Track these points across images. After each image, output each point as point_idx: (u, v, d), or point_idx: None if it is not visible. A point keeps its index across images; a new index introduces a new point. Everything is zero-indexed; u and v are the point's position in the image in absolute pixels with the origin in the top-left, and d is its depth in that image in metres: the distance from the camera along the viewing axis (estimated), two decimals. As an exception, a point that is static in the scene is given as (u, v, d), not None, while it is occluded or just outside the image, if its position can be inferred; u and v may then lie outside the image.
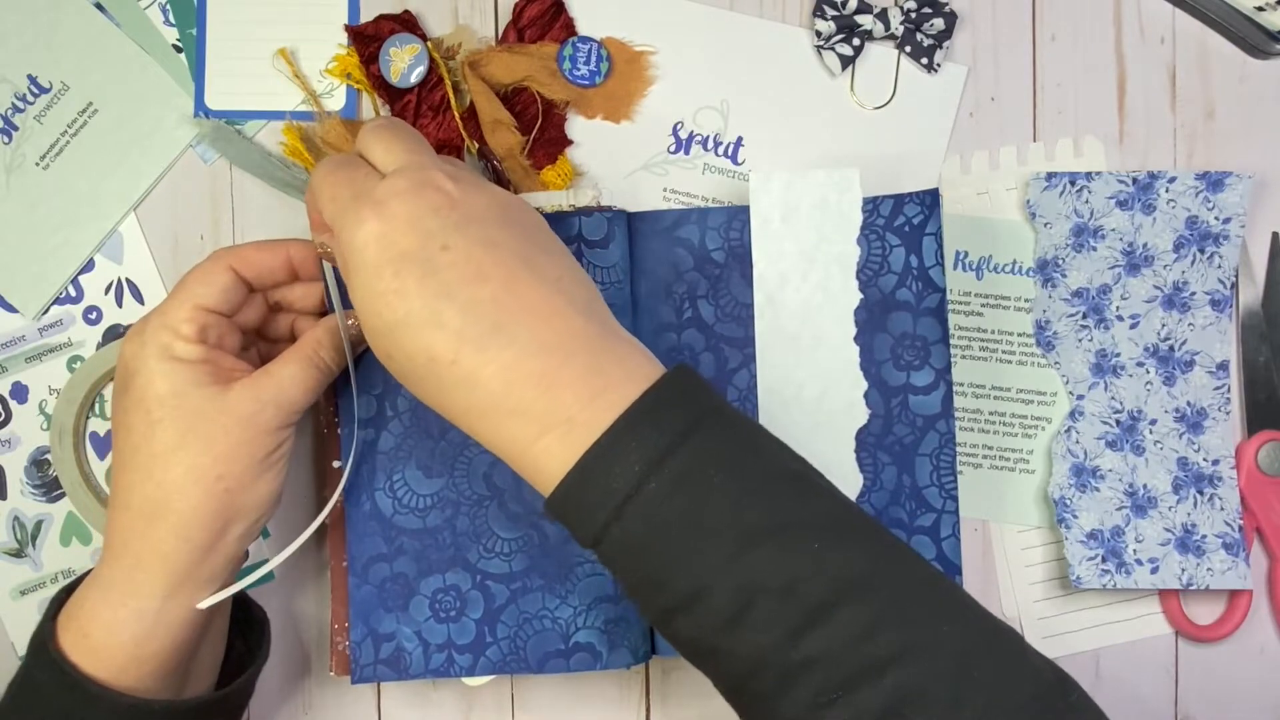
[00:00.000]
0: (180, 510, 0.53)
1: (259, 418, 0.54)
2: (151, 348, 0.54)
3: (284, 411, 0.55)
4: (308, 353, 0.57)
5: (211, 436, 0.53)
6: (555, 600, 0.61)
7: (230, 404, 0.54)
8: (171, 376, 0.54)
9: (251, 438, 0.54)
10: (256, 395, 0.54)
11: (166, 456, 0.53)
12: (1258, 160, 0.68)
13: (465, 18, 0.68)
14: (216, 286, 0.56)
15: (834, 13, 0.67)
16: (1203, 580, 0.65)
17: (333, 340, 0.58)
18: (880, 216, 0.62)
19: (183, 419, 0.53)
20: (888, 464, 0.62)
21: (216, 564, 0.55)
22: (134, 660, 0.53)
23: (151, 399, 0.54)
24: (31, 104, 0.67)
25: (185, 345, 0.54)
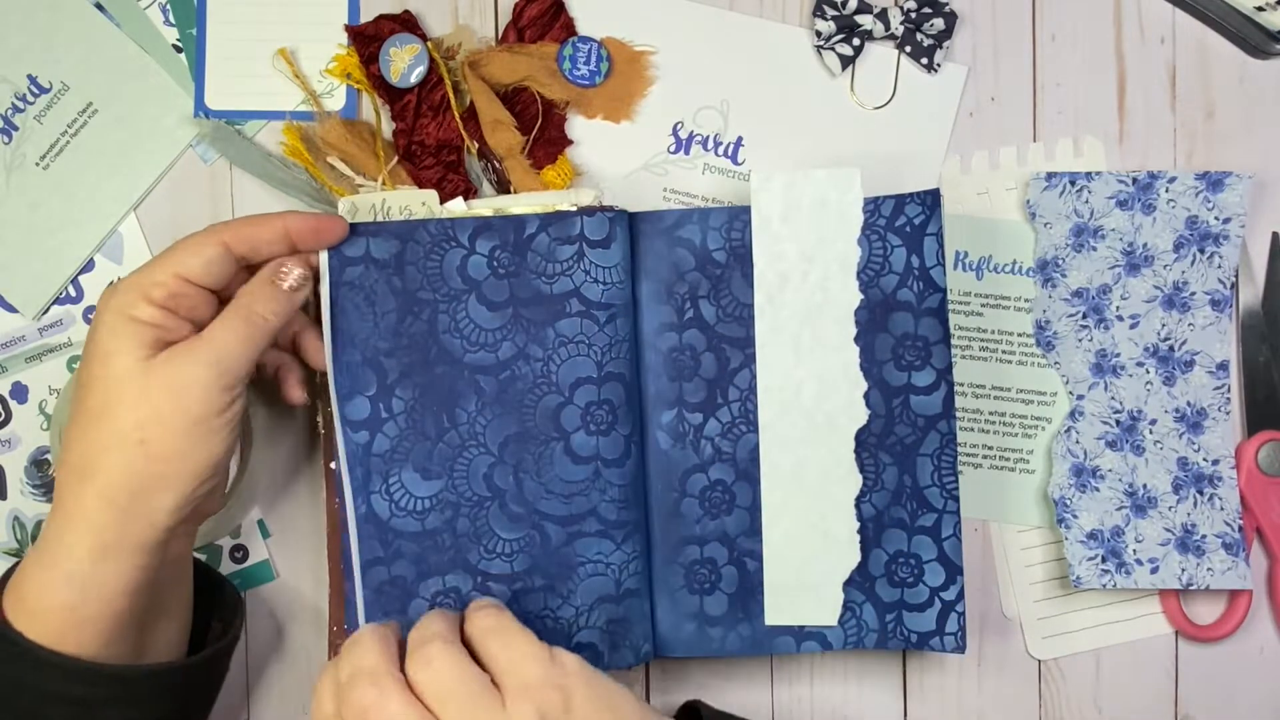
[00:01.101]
0: (105, 472, 0.52)
1: (191, 380, 0.53)
2: (116, 303, 0.54)
3: (216, 369, 0.53)
4: (240, 309, 0.55)
5: (135, 399, 0.52)
6: (557, 600, 0.60)
7: (159, 368, 0.53)
8: (116, 335, 0.53)
9: (180, 400, 0.53)
10: (186, 357, 0.53)
11: (94, 418, 0.53)
12: (1258, 160, 0.68)
13: (465, 18, 0.67)
14: (202, 258, 0.55)
15: (834, 13, 0.66)
16: (1203, 580, 0.65)
17: (264, 291, 0.56)
18: (881, 216, 0.62)
19: (111, 380, 0.53)
20: (889, 464, 0.62)
21: (145, 531, 0.53)
22: (71, 624, 0.52)
23: (97, 356, 0.53)
24: (31, 104, 0.66)
25: (146, 307, 0.53)
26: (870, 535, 0.62)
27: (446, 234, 0.60)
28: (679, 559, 0.62)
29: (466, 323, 0.60)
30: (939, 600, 0.61)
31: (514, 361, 0.60)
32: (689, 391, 0.62)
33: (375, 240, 0.59)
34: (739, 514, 0.62)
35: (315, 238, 0.58)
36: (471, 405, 0.60)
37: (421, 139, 0.66)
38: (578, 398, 0.60)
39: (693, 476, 0.62)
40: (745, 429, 0.62)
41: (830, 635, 0.62)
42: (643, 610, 0.62)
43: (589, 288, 0.60)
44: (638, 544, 0.61)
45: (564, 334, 0.60)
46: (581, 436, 0.60)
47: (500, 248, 0.60)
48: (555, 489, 0.60)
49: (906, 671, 0.68)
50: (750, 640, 0.62)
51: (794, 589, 0.62)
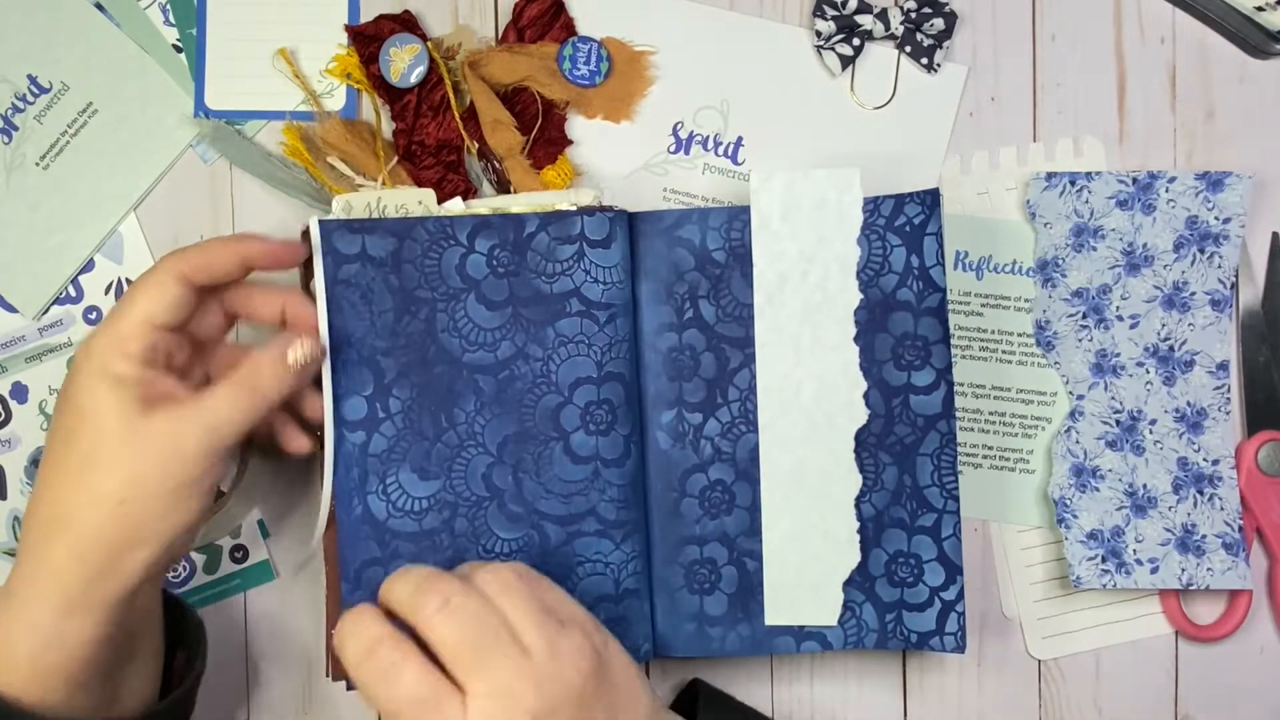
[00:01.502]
0: (78, 529, 0.51)
1: (177, 444, 0.51)
2: (92, 362, 0.52)
3: (208, 439, 0.52)
4: (243, 379, 0.54)
5: (120, 459, 0.51)
6: (556, 600, 0.60)
7: (148, 426, 0.51)
8: (96, 392, 0.52)
9: (165, 463, 0.51)
10: (178, 418, 0.52)
11: (74, 473, 0.52)
12: (1258, 160, 0.67)
13: (465, 18, 0.67)
14: (166, 299, 0.54)
15: (834, 13, 0.66)
16: (1203, 580, 0.65)
17: (274, 369, 0.55)
18: (881, 216, 0.61)
19: (95, 437, 0.51)
20: (889, 464, 0.62)
21: (114, 589, 0.51)
22: (35, 675, 0.51)
23: (72, 412, 0.52)
24: (31, 104, 0.66)
25: (126, 364, 0.52)
26: (870, 535, 0.62)
27: (445, 232, 0.60)
28: (679, 559, 0.62)
29: (465, 322, 0.60)
30: (939, 600, 0.61)
31: (513, 361, 0.60)
32: (689, 391, 0.62)
33: (371, 238, 0.59)
34: (739, 514, 0.62)
35: (277, 262, 0.57)
36: (470, 405, 0.60)
37: (421, 139, 0.66)
38: (577, 397, 0.60)
39: (692, 476, 0.62)
40: (745, 429, 0.62)
41: (830, 635, 0.62)
42: (642, 610, 0.61)
43: (589, 287, 0.60)
44: (637, 544, 0.61)
45: (564, 334, 0.60)
46: (581, 436, 0.60)
47: (499, 246, 0.60)
48: (554, 489, 0.60)
49: (906, 671, 0.67)
50: (750, 640, 0.62)
51: (794, 589, 0.62)
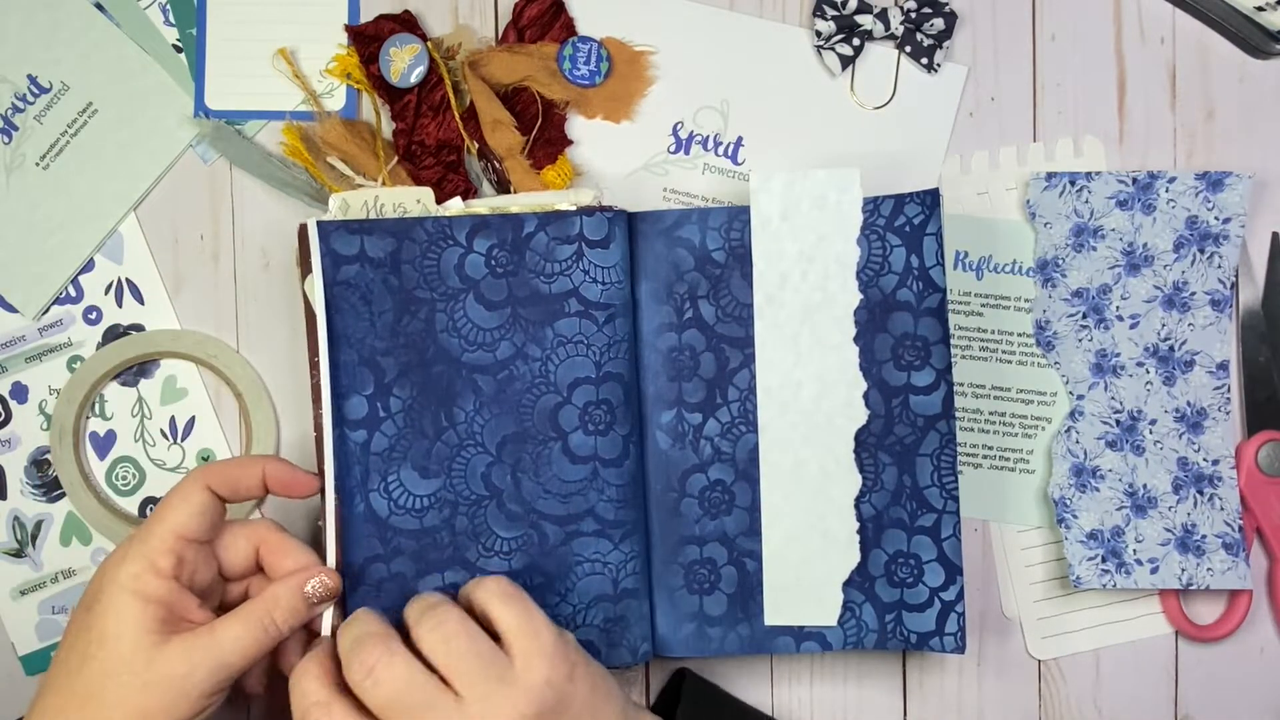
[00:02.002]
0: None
1: (188, 681, 0.52)
2: (124, 575, 0.53)
3: (217, 676, 0.53)
4: (259, 613, 0.54)
5: (128, 693, 0.51)
6: (555, 598, 0.60)
7: (160, 662, 0.52)
8: (122, 616, 0.52)
9: (174, 700, 0.52)
10: (189, 656, 0.52)
11: (85, 701, 0.52)
12: (1258, 160, 0.67)
13: (465, 18, 0.67)
14: (193, 507, 0.54)
15: (834, 13, 0.66)
16: (1203, 580, 0.65)
17: (290, 603, 0.55)
18: (881, 216, 0.61)
19: (111, 666, 0.52)
20: (889, 464, 0.61)
21: None
22: None
23: (95, 634, 0.52)
24: (31, 104, 0.66)
25: (157, 580, 0.53)
26: (870, 535, 0.61)
27: (444, 232, 0.60)
28: (678, 559, 0.62)
29: (464, 322, 0.60)
30: (939, 600, 0.61)
31: (512, 361, 0.60)
32: (688, 391, 0.62)
33: (370, 238, 0.59)
34: (738, 514, 0.62)
35: (286, 490, 0.58)
36: (469, 405, 0.60)
37: (421, 139, 0.66)
38: (576, 398, 0.60)
39: (692, 476, 0.62)
40: (745, 429, 0.62)
41: (830, 635, 0.62)
42: (641, 610, 0.61)
43: (588, 287, 0.60)
44: (636, 544, 0.61)
45: (562, 334, 0.60)
46: (579, 436, 0.60)
47: (498, 246, 0.60)
48: (553, 489, 0.60)
49: (906, 671, 0.67)
50: (750, 640, 0.62)
51: (793, 589, 0.61)
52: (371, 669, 0.51)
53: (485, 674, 0.51)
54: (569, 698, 0.52)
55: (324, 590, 0.56)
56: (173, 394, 0.66)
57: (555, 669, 0.52)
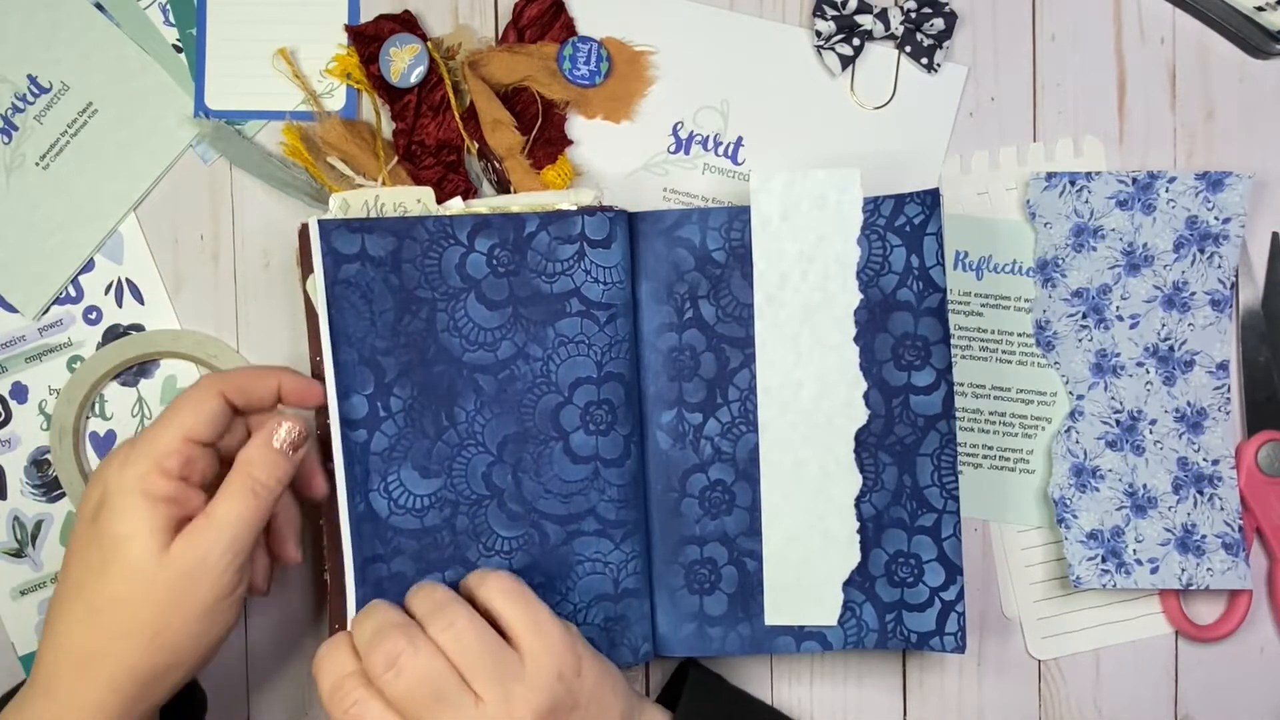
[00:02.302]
0: (115, 663, 0.52)
1: (204, 566, 0.52)
2: (129, 478, 0.52)
3: (231, 553, 0.53)
4: (240, 480, 0.54)
5: (151, 592, 0.52)
6: (556, 598, 0.60)
7: (172, 560, 0.52)
8: (132, 518, 0.52)
9: (196, 589, 0.52)
10: (196, 547, 0.52)
11: (109, 607, 0.52)
12: (1258, 160, 0.67)
13: (465, 18, 0.67)
14: (206, 413, 0.54)
15: (834, 13, 0.66)
16: (1203, 580, 0.65)
17: (263, 457, 0.55)
18: (881, 216, 0.61)
19: (129, 570, 0.52)
20: (889, 464, 0.61)
21: (143, 709, 0.53)
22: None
23: (109, 540, 0.52)
24: (31, 104, 0.66)
25: (163, 481, 0.52)
26: (870, 535, 0.61)
27: (445, 231, 0.60)
28: (679, 559, 0.62)
29: (465, 321, 0.60)
30: (939, 600, 0.61)
31: (513, 361, 0.60)
32: (689, 391, 0.62)
33: (371, 237, 0.59)
34: (739, 514, 0.62)
35: (300, 400, 0.58)
36: (470, 404, 0.60)
37: (421, 139, 0.65)
38: (577, 397, 0.60)
39: (692, 476, 0.62)
40: (745, 429, 0.62)
41: (830, 635, 0.62)
42: (642, 610, 0.61)
43: (589, 287, 0.60)
44: (637, 544, 0.61)
45: (564, 333, 0.60)
46: (581, 436, 0.60)
47: (500, 246, 0.60)
48: (554, 488, 0.60)
49: (906, 671, 0.67)
50: (750, 640, 0.62)
51: (794, 589, 0.61)
52: (395, 659, 0.51)
53: (498, 672, 0.52)
54: (578, 691, 0.53)
55: (294, 437, 0.56)
56: (173, 394, 0.66)
57: (564, 663, 0.53)
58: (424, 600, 0.54)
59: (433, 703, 0.51)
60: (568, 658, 0.53)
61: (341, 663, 0.53)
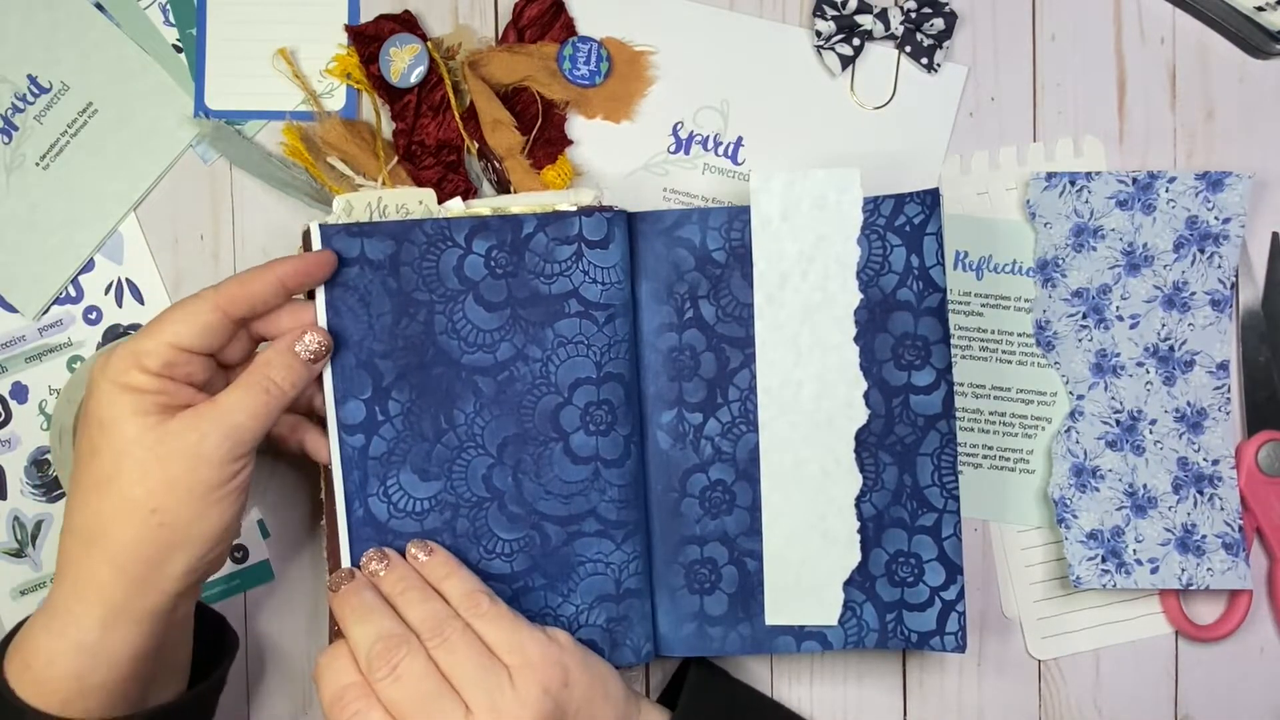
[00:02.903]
0: (115, 540, 0.51)
1: (201, 447, 0.52)
2: (109, 372, 0.52)
3: (231, 440, 0.52)
4: (256, 376, 0.54)
5: (146, 467, 0.51)
6: (558, 598, 0.60)
7: (170, 433, 0.52)
8: (115, 403, 0.52)
9: (192, 468, 0.52)
10: (198, 424, 0.52)
11: (102, 485, 0.52)
12: (1258, 160, 0.67)
13: (465, 18, 0.67)
14: (197, 325, 0.53)
15: (834, 13, 0.66)
16: (1203, 580, 0.65)
17: (283, 360, 0.55)
18: (881, 216, 0.61)
19: (118, 447, 0.51)
20: (889, 464, 0.61)
21: (156, 598, 0.52)
22: (78, 692, 0.51)
23: (94, 424, 0.52)
24: (31, 104, 0.66)
25: (142, 375, 0.52)
26: (870, 535, 0.61)
27: (442, 234, 0.59)
28: (679, 559, 0.62)
29: (464, 323, 0.59)
30: (939, 600, 0.61)
31: (512, 362, 0.60)
32: (689, 391, 0.62)
33: (369, 241, 0.59)
34: (739, 514, 0.62)
35: (307, 278, 0.57)
36: (470, 406, 0.59)
37: (421, 139, 0.65)
38: (577, 398, 0.60)
39: (693, 476, 0.62)
40: (745, 429, 0.62)
41: (830, 635, 0.61)
42: (644, 610, 0.61)
43: (588, 288, 0.60)
44: (638, 544, 0.61)
45: (563, 334, 0.60)
46: (581, 437, 0.60)
47: (497, 248, 0.60)
48: (554, 489, 0.60)
49: (906, 671, 0.67)
50: (750, 640, 0.62)
51: (794, 589, 0.61)
52: (395, 666, 0.52)
53: (487, 686, 0.53)
54: (566, 702, 0.54)
55: (316, 346, 0.56)
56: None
57: (548, 678, 0.54)
58: (420, 611, 0.55)
59: (426, 709, 0.52)
60: (552, 672, 0.54)
61: (342, 673, 0.54)
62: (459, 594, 0.56)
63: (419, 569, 0.57)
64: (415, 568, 0.57)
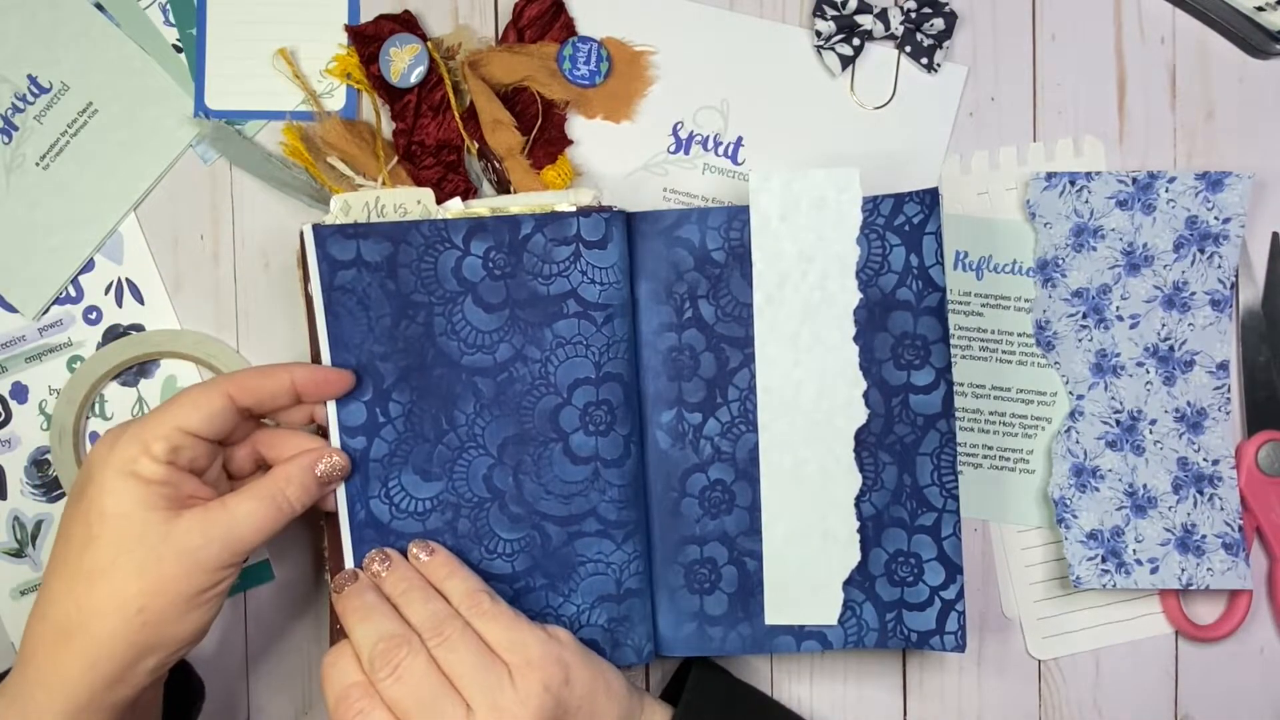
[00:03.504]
0: (94, 636, 0.50)
1: (201, 553, 0.51)
2: (116, 459, 0.51)
3: (230, 550, 0.52)
4: (272, 490, 0.54)
5: (144, 565, 0.50)
6: (559, 599, 0.60)
7: (174, 534, 0.51)
8: (122, 494, 0.51)
9: (187, 573, 0.51)
10: (205, 529, 0.51)
11: (93, 577, 0.51)
12: (1258, 160, 0.67)
13: (465, 18, 0.67)
14: (206, 412, 0.53)
15: (834, 13, 0.66)
16: (1203, 580, 0.64)
17: (302, 479, 0.55)
18: (880, 216, 0.61)
19: (119, 541, 0.51)
20: (889, 463, 0.61)
21: (123, 692, 0.51)
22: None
23: (95, 514, 0.51)
24: (31, 104, 0.66)
25: (150, 464, 0.51)
26: (870, 534, 0.61)
27: (440, 235, 0.59)
28: (679, 559, 0.62)
29: (463, 325, 0.59)
30: (939, 599, 0.61)
31: (512, 363, 0.59)
32: (688, 391, 0.62)
33: (366, 243, 0.59)
34: (739, 514, 0.62)
35: (319, 390, 0.57)
36: (470, 407, 0.59)
37: (421, 139, 0.65)
38: (576, 398, 0.60)
39: (692, 476, 0.62)
40: (745, 428, 0.62)
41: (830, 634, 0.61)
42: (644, 610, 0.61)
43: (586, 288, 0.60)
44: (639, 544, 0.61)
45: (561, 335, 0.60)
46: (580, 437, 0.60)
47: (495, 249, 0.59)
48: (555, 489, 0.60)
49: (906, 671, 0.67)
50: (750, 640, 0.62)
51: (794, 588, 0.61)
52: (397, 666, 0.52)
53: (487, 684, 0.53)
54: (567, 699, 0.54)
55: (335, 469, 0.57)
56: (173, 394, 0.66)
57: (549, 676, 0.54)
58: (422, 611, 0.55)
59: (428, 708, 0.52)
60: (553, 670, 0.54)
61: (346, 672, 0.53)
62: (460, 593, 0.56)
63: (421, 569, 0.57)
64: (417, 568, 0.57)
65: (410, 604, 0.55)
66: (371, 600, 0.55)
